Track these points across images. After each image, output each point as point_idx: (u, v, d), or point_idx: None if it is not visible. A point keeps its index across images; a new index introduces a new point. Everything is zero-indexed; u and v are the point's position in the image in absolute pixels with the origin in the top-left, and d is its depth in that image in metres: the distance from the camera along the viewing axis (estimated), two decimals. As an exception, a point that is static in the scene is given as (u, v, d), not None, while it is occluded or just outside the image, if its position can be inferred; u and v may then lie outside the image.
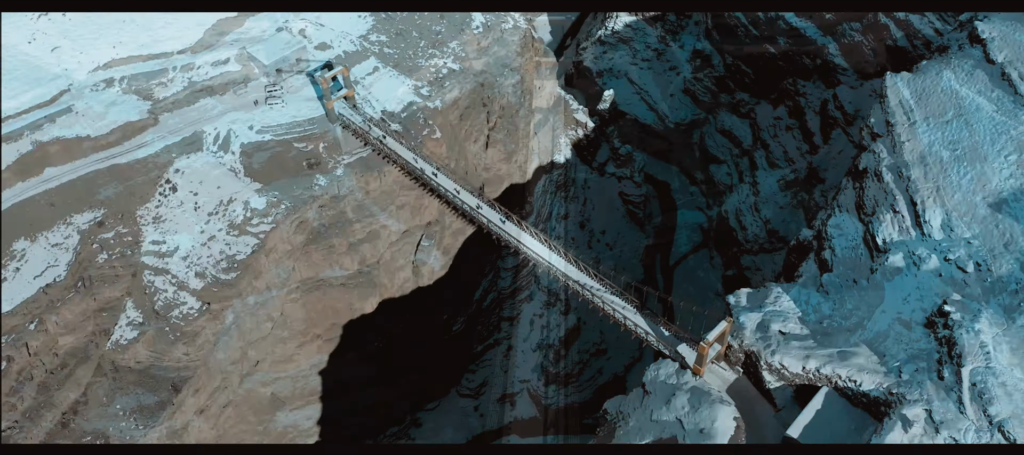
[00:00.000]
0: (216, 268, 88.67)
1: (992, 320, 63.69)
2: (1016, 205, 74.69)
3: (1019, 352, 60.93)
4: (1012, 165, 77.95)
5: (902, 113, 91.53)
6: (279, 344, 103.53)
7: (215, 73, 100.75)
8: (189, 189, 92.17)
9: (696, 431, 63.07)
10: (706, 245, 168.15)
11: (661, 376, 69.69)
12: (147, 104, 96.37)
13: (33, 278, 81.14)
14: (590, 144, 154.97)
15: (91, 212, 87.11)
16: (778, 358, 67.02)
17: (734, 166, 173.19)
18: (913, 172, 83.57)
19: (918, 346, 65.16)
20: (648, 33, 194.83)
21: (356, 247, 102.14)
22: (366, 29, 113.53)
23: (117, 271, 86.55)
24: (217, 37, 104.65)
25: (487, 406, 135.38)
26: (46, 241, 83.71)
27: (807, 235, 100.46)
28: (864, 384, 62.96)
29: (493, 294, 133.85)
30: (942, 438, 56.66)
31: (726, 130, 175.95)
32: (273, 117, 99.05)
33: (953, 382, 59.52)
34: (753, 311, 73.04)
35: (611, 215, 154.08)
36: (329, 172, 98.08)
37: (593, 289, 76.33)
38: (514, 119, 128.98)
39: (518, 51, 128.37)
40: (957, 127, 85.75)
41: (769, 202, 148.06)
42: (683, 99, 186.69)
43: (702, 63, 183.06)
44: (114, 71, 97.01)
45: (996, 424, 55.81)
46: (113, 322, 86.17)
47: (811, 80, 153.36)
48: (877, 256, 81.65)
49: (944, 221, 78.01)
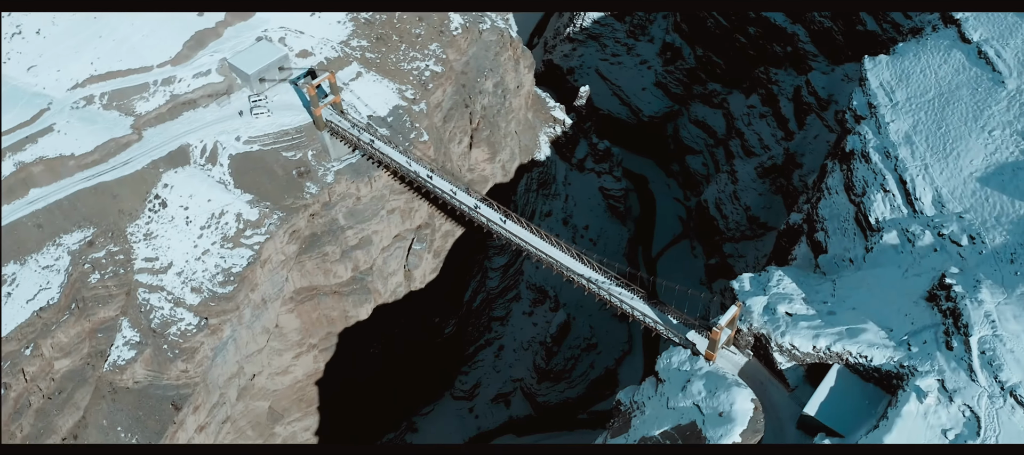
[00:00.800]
0: (212, 282, 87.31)
1: (993, 290, 65.52)
2: (1004, 178, 76.77)
3: (1022, 319, 62.68)
4: (997, 140, 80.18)
5: (884, 95, 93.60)
6: (275, 356, 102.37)
7: (197, 85, 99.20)
8: (179, 204, 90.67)
9: (715, 414, 63.80)
10: (687, 235, 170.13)
11: (674, 363, 70.37)
12: (129, 119, 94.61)
13: (25, 302, 79.13)
14: (569, 141, 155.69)
15: (80, 232, 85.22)
16: (788, 339, 68.12)
17: (709, 156, 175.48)
18: (900, 152, 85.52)
19: (923, 319, 66.66)
20: (617, 28, 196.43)
21: (349, 254, 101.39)
22: (346, 35, 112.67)
23: (111, 290, 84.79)
24: (196, 48, 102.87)
25: (482, 407, 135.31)
26: (36, 264, 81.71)
27: (796, 219, 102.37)
28: (875, 359, 64.30)
29: (482, 295, 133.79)
30: (957, 405, 58.15)
31: (700, 121, 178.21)
32: (260, 127, 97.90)
33: (962, 351, 61.06)
34: (758, 295, 74.05)
35: (593, 210, 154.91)
36: (319, 180, 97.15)
37: (599, 283, 76.73)
38: (496, 119, 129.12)
39: (497, 51, 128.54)
40: (939, 106, 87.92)
41: (748, 190, 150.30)
42: (655, 92, 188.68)
43: (672, 56, 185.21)
44: (93, 88, 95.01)
45: (1008, 389, 57.46)
46: (109, 343, 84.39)
47: (783, 68, 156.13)
48: (871, 235, 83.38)
49: (935, 197, 79.94)
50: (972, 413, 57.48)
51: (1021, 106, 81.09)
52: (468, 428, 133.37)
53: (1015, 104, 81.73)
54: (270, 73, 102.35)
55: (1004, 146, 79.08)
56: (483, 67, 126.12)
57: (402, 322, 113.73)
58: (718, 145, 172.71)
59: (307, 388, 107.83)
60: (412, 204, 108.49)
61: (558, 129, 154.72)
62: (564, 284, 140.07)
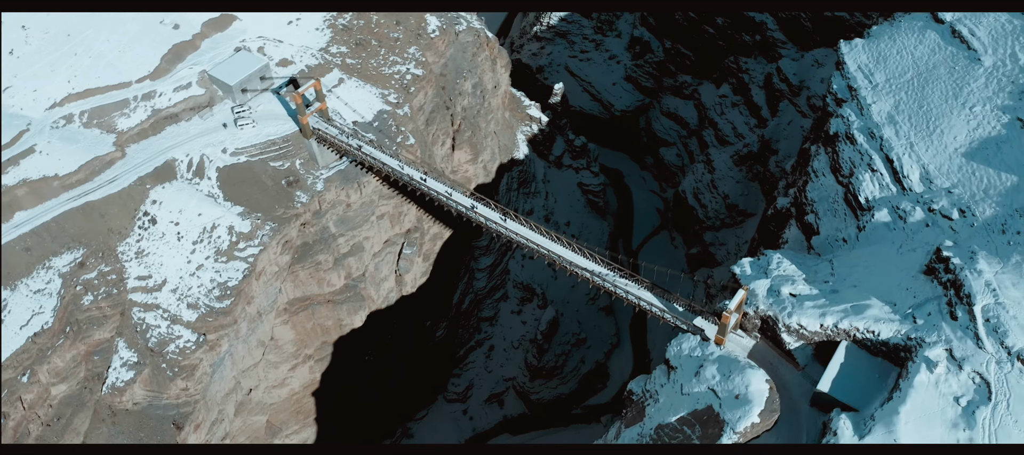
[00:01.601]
0: (209, 297, 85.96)
1: (989, 260, 67.48)
2: (988, 152, 79.12)
3: (1020, 286, 64.70)
4: (978, 116, 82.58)
5: (863, 77, 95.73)
6: (271, 369, 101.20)
7: (178, 99, 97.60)
8: (169, 219, 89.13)
9: (731, 397, 64.75)
10: (665, 227, 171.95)
11: (685, 350, 71.21)
12: (111, 137, 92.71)
13: (19, 328, 77.02)
14: (545, 139, 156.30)
15: (70, 253, 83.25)
16: (795, 319, 69.39)
17: (683, 147, 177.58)
18: (885, 132, 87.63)
19: (924, 292, 68.44)
20: (584, 25, 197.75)
21: (341, 261, 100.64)
22: (325, 41, 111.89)
23: (104, 311, 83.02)
24: (174, 62, 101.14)
25: (476, 408, 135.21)
26: (27, 288, 79.62)
27: (784, 203, 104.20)
28: (882, 333, 65.86)
29: (470, 296, 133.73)
30: (966, 372, 59.82)
31: (672, 113, 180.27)
32: (246, 138, 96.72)
33: (967, 320, 62.83)
34: (761, 278, 75.31)
35: (573, 206, 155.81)
36: (309, 188, 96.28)
37: (604, 276, 77.34)
38: (476, 120, 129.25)
39: (474, 52, 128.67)
40: (919, 85, 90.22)
41: (725, 178, 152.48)
42: (626, 87, 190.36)
43: (641, 50, 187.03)
44: (72, 106, 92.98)
45: (1015, 354, 59.28)
46: (106, 365, 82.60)
47: (752, 56, 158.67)
48: (861, 214, 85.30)
49: (922, 174, 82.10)
50: (982, 379, 59.16)
51: (999, 82, 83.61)
52: (463, 430, 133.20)
53: (993, 80, 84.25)
54: (252, 83, 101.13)
55: (986, 121, 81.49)
56: (461, 68, 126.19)
57: (395, 327, 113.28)
58: (691, 136, 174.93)
59: (304, 400, 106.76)
60: (401, 208, 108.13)
61: (535, 127, 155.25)
62: (551, 281, 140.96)
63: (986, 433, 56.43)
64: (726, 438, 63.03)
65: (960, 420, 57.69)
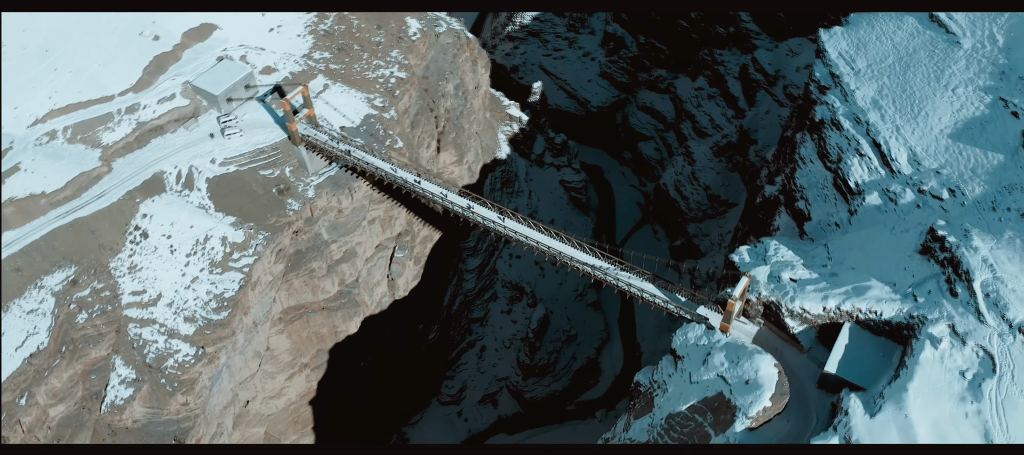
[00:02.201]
0: (206, 309, 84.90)
1: (982, 237, 69.12)
2: (974, 132, 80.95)
3: (1015, 261, 66.43)
4: (961, 97, 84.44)
5: (845, 64, 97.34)
6: (268, 379, 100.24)
7: (163, 110, 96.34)
8: (161, 232, 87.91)
9: (741, 383, 65.63)
10: (647, 220, 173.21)
11: (691, 340, 71.94)
12: (97, 151, 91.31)
13: (14, 350, 75.50)
14: (526, 137, 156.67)
15: (61, 271, 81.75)
16: (798, 303, 70.51)
17: (661, 141, 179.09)
18: (870, 116, 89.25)
19: (922, 271, 69.93)
20: (557, 23, 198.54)
21: (335, 268, 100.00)
22: (307, 48, 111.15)
23: (100, 329, 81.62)
24: (156, 74, 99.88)
25: (470, 410, 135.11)
26: (20, 309, 78.04)
27: (772, 191, 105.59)
28: (884, 313, 67.20)
29: (460, 297, 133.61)
30: (970, 347, 61.25)
31: (648, 107, 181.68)
32: (234, 147, 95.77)
33: (967, 296, 64.35)
34: (760, 265, 76.38)
35: (556, 204, 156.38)
36: (300, 195, 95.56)
37: (606, 270, 77.86)
38: (459, 121, 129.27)
39: (454, 53, 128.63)
40: (900, 70, 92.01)
41: (706, 169, 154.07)
42: (601, 83, 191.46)
43: (615, 46, 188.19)
44: (55, 122, 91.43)
45: (1016, 326, 60.84)
46: (104, 383, 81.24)
47: (727, 48, 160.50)
48: (852, 198, 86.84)
49: (910, 157, 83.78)
50: (985, 352, 60.62)
51: (979, 64, 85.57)
52: (458, 432, 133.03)
53: (973, 62, 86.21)
54: (237, 92, 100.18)
55: (969, 102, 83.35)
56: (443, 70, 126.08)
57: (389, 332, 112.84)
58: (669, 129, 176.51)
59: (301, 409, 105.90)
60: (391, 212, 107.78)
61: (515, 127, 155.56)
62: (539, 279, 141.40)
63: (993, 404, 57.83)
64: (739, 423, 63.88)
65: (967, 393, 59.04)
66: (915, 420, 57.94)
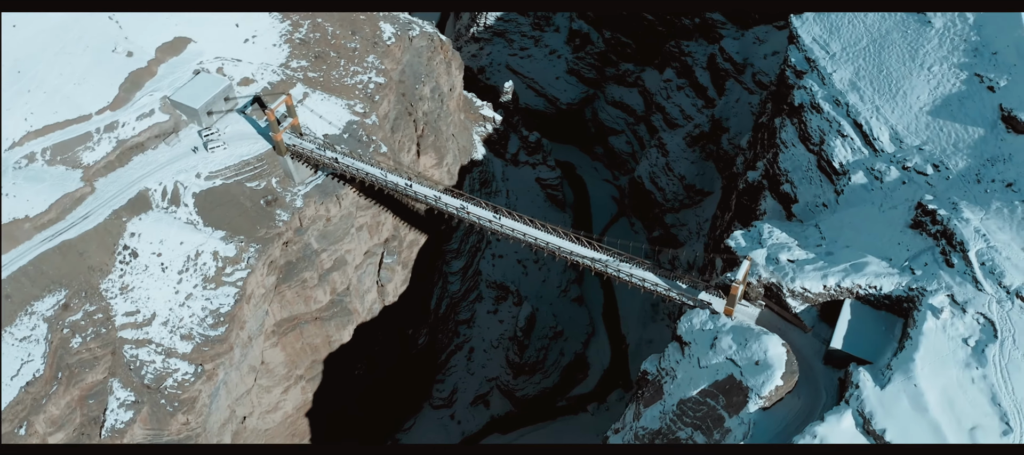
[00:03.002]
0: (202, 326, 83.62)
1: (971, 208, 71.43)
2: (952, 108, 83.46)
3: (1006, 230, 68.78)
4: (937, 75, 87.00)
5: (819, 48, 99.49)
6: (264, 394, 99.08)
7: (142, 127, 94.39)
8: (151, 251, 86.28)
9: (751, 364, 66.74)
10: (623, 213, 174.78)
11: (696, 325, 72.92)
12: (78, 172, 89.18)
13: (10, 379, 73.43)
14: (500, 137, 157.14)
15: (52, 296, 79.75)
16: (799, 283, 72.04)
17: (632, 134, 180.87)
18: (850, 98, 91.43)
19: (916, 245, 72.02)
20: (521, 22, 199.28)
21: (326, 277, 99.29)
22: (284, 57, 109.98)
23: (95, 353, 79.85)
24: (133, 90, 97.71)
25: (462, 412, 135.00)
26: (12, 337, 75.92)
27: (755, 176, 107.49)
28: (884, 287, 69.01)
29: (446, 300, 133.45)
30: (970, 315, 63.23)
31: (617, 102, 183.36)
32: (218, 161, 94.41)
33: (963, 266, 66.44)
34: (756, 248, 77.84)
35: (534, 202, 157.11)
36: (289, 206, 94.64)
37: (606, 262, 78.57)
38: (437, 123, 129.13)
39: (429, 56, 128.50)
40: (875, 51, 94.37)
41: (680, 160, 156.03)
42: (569, 80, 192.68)
43: (581, 42, 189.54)
44: (32, 144, 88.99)
45: (1014, 292, 63.04)
46: (102, 408, 79.54)
47: (693, 39, 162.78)
48: (837, 179, 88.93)
49: (892, 135, 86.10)
50: (986, 319, 62.66)
51: (952, 41, 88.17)
52: (452, 435, 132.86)
53: (946, 40, 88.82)
54: (217, 105, 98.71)
55: (945, 79, 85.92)
56: (419, 73, 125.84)
57: (380, 339, 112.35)
58: (639, 122, 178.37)
59: (298, 422, 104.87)
60: (379, 218, 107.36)
61: (489, 127, 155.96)
62: (523, 277, 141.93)
63: (998, 368, 59.80)
64: (752, 403, 65.00)
65: (971, 360, 60.92)
66: (925, 388, 59.60)
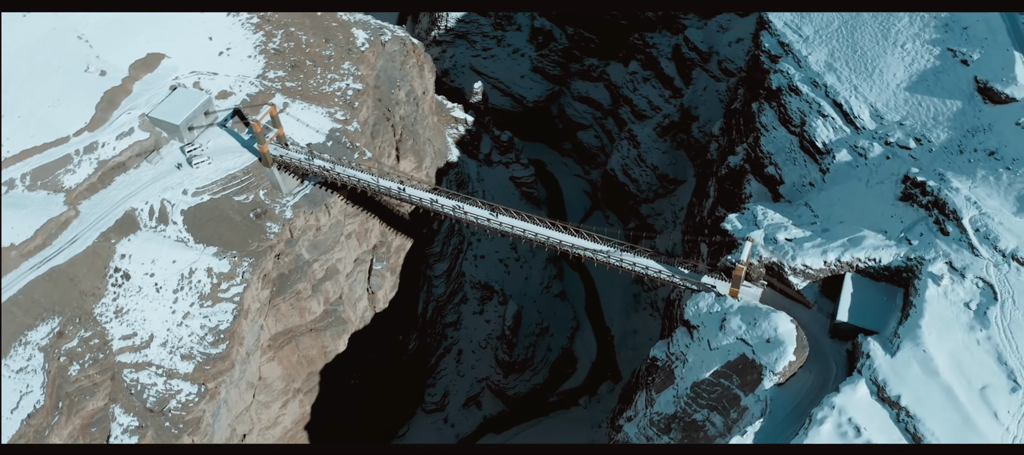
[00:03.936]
0: (202, 344, 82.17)
1: (958, 178, 74.01)
2: (929, 83, 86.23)
3: (994, 196, 71.42)
4: (911, 52, 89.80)
5: (792, 33, 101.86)
6: (263, 409, 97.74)
7: (123, 146, 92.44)
8: (143, 271, 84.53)
9: (762, 342, 68.27)
10: (598, 206, 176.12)
11: (703, 308, 74.28)
12: (60, 196, 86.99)
13: (11, 412, 71.30)
14: (473, 138, 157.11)
15: (45, 324, 77.56)
16: (800, 261, 73.86)
17: (600, 128, 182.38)
18: (827, 79, 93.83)
19: (909, 217, 74.37)
20: (483, 23, 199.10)
21: (319, 287, 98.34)
22: (260, 68, 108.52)
23: (94, 379, 77.91)
24: (110, 109, 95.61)
25: (455, 414, 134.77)
26: (8, 369, 73.68)
27: (736, 161, 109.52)
28: (883, 259, 71.19)
29: (432, 304, 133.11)
30: (970, 279, 65.61)
31: (584, 97, 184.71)
32: (204, 176, 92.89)
33: (958, 234, 68.88)
34: (753, 230, 79.51)
35: (509, 200, 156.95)
36: (278, 217, 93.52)
37: (608, 253, 79.43)
38: (414, 127, 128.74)
39: (402, 60, 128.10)
40: (847, 32, 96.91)
41: (652, 150, 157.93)
42: (534, 78, 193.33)
43: (544, 40, 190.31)
44: (11, 170, 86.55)
45: (1009, 255, 65.57)
46: (105, 435, 77.65)
47: (656, 31, 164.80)
48: (822, 158, 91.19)
49: (872, 112, 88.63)
50: (985, 283, 65.11)
51: (922, 19, 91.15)
52: (446, 438, 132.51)
53: (916, 18, 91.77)
54: (197, 120, 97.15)
55: (919, 56, 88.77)
56: (393, 78, 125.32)
57: (373, 346, 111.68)
58: (607, 116, 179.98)
59: (297, 435, 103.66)
60: (366, 224, 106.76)
61: (461, 128, 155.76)
62: (506, 276, 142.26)
63: (1001, 329, 62.21)
64: (767, 380, 66.48)
65: (975, 322, 63.28)
66: (933, 353, 61.74)
